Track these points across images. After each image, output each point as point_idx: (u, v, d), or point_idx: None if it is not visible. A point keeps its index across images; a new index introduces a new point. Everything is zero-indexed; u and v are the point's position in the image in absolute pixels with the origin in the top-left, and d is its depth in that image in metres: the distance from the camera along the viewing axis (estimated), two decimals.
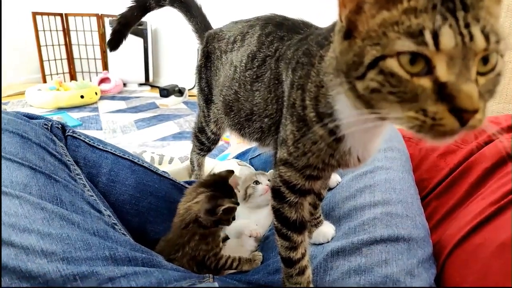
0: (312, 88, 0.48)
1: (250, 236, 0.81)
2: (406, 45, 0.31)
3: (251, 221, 0.85)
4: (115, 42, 0.94)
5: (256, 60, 0.66)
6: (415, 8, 0.31)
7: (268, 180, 0.91)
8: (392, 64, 0.31)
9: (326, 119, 0.46)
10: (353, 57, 0.35)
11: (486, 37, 0.31)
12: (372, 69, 0.33)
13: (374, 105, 0.35)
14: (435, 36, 0.30)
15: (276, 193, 0.57)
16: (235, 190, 0.78)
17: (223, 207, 0.69)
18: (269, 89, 0.62)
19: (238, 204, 0.73)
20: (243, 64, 0.69)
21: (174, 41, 3.61)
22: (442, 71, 0.31)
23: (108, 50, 0.99)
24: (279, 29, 0.65)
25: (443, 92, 0.31)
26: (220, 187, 0.75)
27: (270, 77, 0.62)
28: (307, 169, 0.52)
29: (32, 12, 3.25)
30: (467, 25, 0.30)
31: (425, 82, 0.31)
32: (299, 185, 0.54)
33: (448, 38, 0.30)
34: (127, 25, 0.93)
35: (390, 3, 0.33)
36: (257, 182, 0.91)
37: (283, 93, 0.58)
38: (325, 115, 0.46)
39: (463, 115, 0.30)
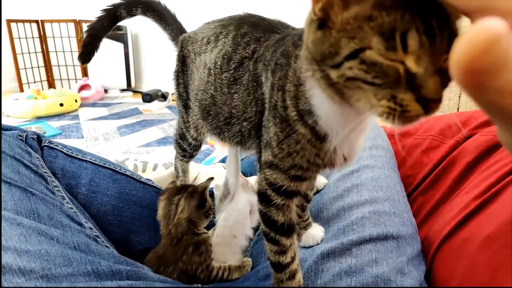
0: (291, 88, 0.48)
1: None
2: (379, 46, 0.31)
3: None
4: (86, 55, 0.89)
5: (232, 61, 0.65)
6: (384, 3, 0.31)
7: None
8: (373, 54, 0.32)
9: (306, 116, 0.46)
10: (329, 48, 0.34)
11: (451, 39, 0.31)
12: (352, 60, 0.33)
13: (346, 93, 0.36)
14: (404, 39, 0.30)
15: (262, 196, 0.56)
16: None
17: (207, 189, 0.74)
18: (248, 91, 0.61)
19: (212, 179, 0.79)
20: (218, 66, 0.67)
21: (155, 45, 3.56)
22: (411, 64, 0.32)
23: (80, 63, 0.94)
24: (255, 29, 0.64)
25: (412, 82, 0.32)
26: (183, 186, 0.77)
27: (249, 79, 0.60)
28: (292, 170, 0.51)
29: (7, 20, 3.17)
30: (440, 27, 0.30)
31: (400, 68, 0.32)
32: (284, 186, 0.53)
33: (415, 41, 0.30)
34: (97, 36, 0.88)
35: None
36: None
37: (262, 95, 0.57)
38: (305, 112, 0.46)
39: (428, 104, 0.32)
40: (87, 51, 0.89)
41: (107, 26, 0.88)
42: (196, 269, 0.69)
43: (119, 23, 1.00)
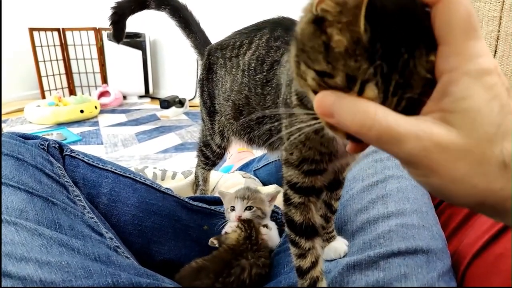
0: (290, 72, 0.47)
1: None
2: (342, 82, 0.31)
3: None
4: (118, 33, 0.94)
5: (265, 64, 0.67)
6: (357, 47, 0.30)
7: (248, 208, 0.81)
8: (334, 83, 0.32)
9: (304, 99, 0.45)
10: (311, 48, 0.33)
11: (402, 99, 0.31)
12: (317, 75, 0.33)
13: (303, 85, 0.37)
14: (362, 86, 0.31)
15: (284, 196, 0.56)
16: None
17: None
18: (277, 94, 0.62)
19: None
20: (252, 68, 0.70)
21: (173, 52, 3.61)
22: None
23: (116, 43, 0.99)
24: (287, 33, 0.66)
25: None
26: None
27: (277, 83, 0.63)
28: (303, 164, 0.51)
29: (29, 28, 3.26)
30: (394, 93, 0.31)
31: None
32: (299, 182, 0.52)
33: (371, 91, 0.31)
34: (123, 16, 0.93)
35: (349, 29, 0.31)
36: (233, 208, 0.82)
37: None
38: (301, 93, 0.45)
39: None
40: (117, 30, 0.94)
41: (133, 9, 0.92)
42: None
43: (138, 31, 1.03)
